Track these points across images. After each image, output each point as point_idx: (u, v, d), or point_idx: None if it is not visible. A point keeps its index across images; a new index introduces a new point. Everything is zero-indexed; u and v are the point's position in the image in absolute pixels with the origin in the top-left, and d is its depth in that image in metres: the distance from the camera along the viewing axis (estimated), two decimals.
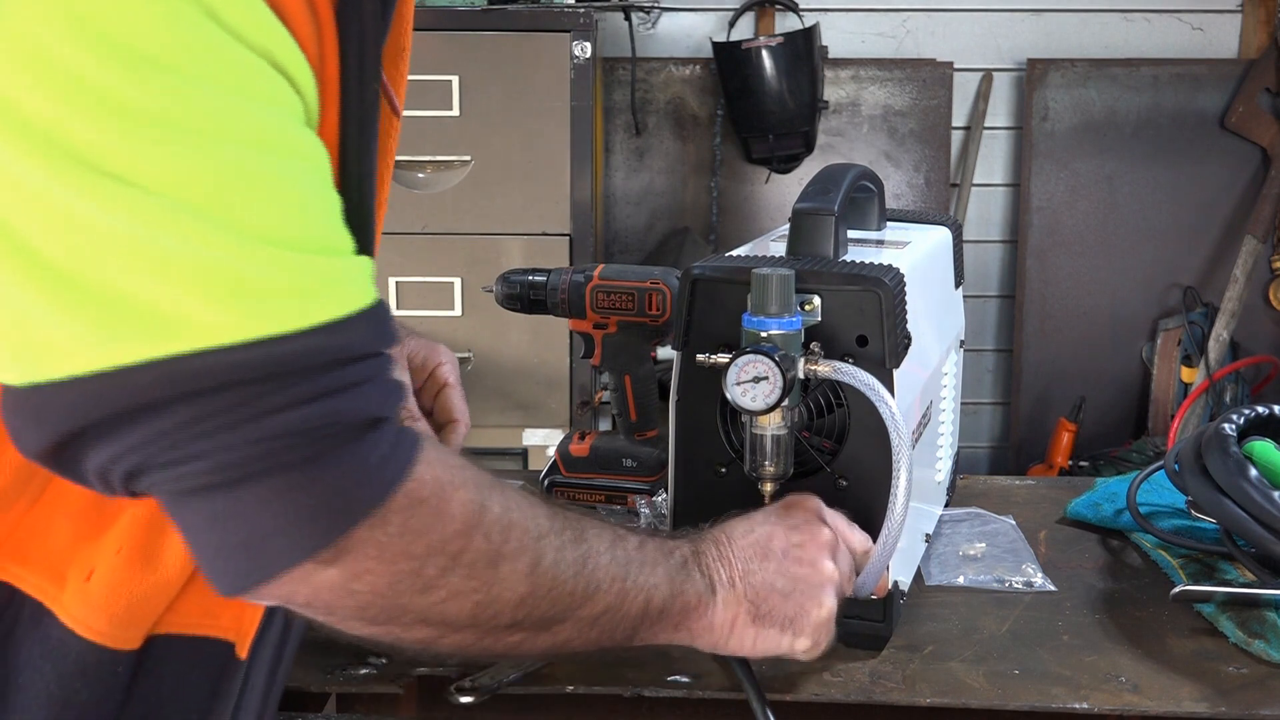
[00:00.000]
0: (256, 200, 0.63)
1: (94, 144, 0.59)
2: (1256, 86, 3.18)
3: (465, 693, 0.96)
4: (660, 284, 1.28)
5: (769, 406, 0.93)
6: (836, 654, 1.03)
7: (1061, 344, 3.31)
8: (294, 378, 0.63)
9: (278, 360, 0.62)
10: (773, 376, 0.93)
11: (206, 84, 0.61)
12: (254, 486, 0.64)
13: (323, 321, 0.64)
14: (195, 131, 0.61)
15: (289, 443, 0.63)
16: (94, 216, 0.59)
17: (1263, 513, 1.08)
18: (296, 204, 0.65)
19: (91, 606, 0.73)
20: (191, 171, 0.61)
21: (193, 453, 0.63)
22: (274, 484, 0.64)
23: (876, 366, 0.98)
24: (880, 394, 0.94)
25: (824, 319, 0.99)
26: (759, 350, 0.93)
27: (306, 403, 0.64)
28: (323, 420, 0.64)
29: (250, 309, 0.62)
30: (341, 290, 0.66)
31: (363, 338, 0.67)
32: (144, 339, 0.60)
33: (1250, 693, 0.98)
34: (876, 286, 0.98)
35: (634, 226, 3.33)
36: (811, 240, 1.06)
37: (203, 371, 0.61)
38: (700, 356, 0.99)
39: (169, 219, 0.60)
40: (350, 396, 0.66)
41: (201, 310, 0.61)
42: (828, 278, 1.00)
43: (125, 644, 0.75)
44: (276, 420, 0.63)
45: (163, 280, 0.60)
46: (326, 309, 0.65)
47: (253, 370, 0.62)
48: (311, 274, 0.64)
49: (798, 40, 3.07)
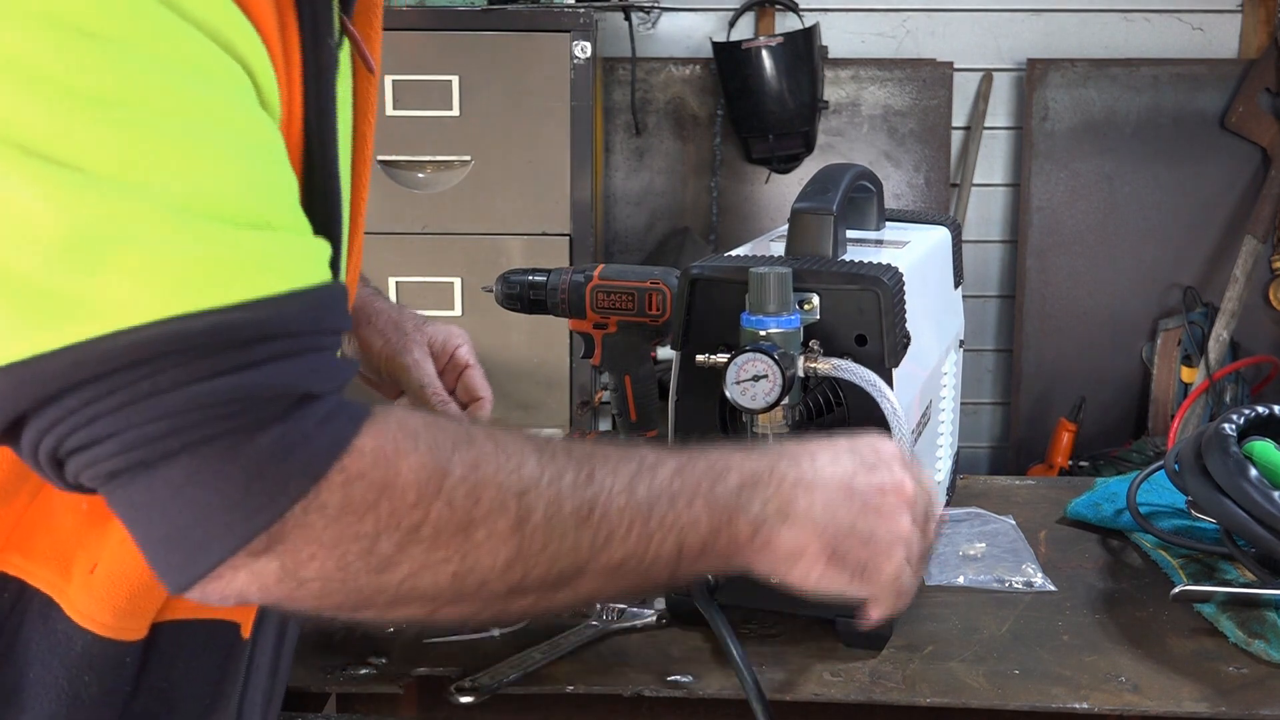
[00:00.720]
0: (187, 173, 0.61)
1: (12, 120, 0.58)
2: (1256, 86, 3.18)
3: (465, 693, 0.96)
4: (660, 284, 1.28)
5: (769, 405, 0.93)
6: (836, 654, 1.03)
7: (1061, 344, 3.31)
8: (202, 352, 0.60)
9: (185, 336, 0.60)
10: (772, 375, 0.93)
11: (142, 56, 0.60)
12: (168, 470, 0.61)
13: (246, 299, 0.61)
14: (125, 104, 0.59)
15: (197, 418, 0.61)
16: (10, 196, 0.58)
17: (1263, 513, 1.08)
18: (233, 178, 0.63)
19: (96, 599, 0.73)
20: (118, 146, 0.59)
21: (100, 433, 0.61)
22: (187, 465, 0.61)
23: (876, 365, 0.98)
24: (881, 389, 0.94)
25: (823, 318, 1.00)
26: (758, 349, 0.94)
27: (214, 377, 0.61)
28: (233, 394, 0.61)
29: (166, 286, 0.60)
30: (275, 267, 0.63)
31: (293, 316, 0.63)
32: (60, 325, 0.59)
33: (1250, 693, 0.98)
34: (875, 286, 0.98)
35: (634, 226, 3.33)
36: (810, 240, 1.06)
37: (113, 352, 0.59)
38: (700, 357, 0.99)
39: (91, 197, 0.59)
40: (268, 371, 0.62)
41: (117, 290, 0.59)
42: (826, 277, 1.00)
43: (131, 635, 0.75)
44: (180, 395, 0.60)
45: (80, 263, 0.59)
46: (251, 285, 0.62)
47: (159, 346, 0.60)
48: (239, 249, 0.62)
49: (798, 40, 3.07)
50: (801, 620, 1.07)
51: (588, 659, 1.02)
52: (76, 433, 0.61)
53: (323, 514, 0.63)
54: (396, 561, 0.66)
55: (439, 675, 1.00)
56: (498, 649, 1.03)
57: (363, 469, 0.64)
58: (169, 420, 0.60)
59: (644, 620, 1.07)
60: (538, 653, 1.01)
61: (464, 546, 0.67)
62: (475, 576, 0.68)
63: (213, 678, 0.79)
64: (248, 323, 0.61)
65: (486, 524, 0.68)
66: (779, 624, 1.07)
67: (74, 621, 0.73)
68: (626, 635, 1.06)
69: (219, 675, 0.80)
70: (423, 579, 0.67)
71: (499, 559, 0.68)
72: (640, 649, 1.04)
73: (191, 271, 0.60)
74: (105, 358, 0.59)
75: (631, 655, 1.03)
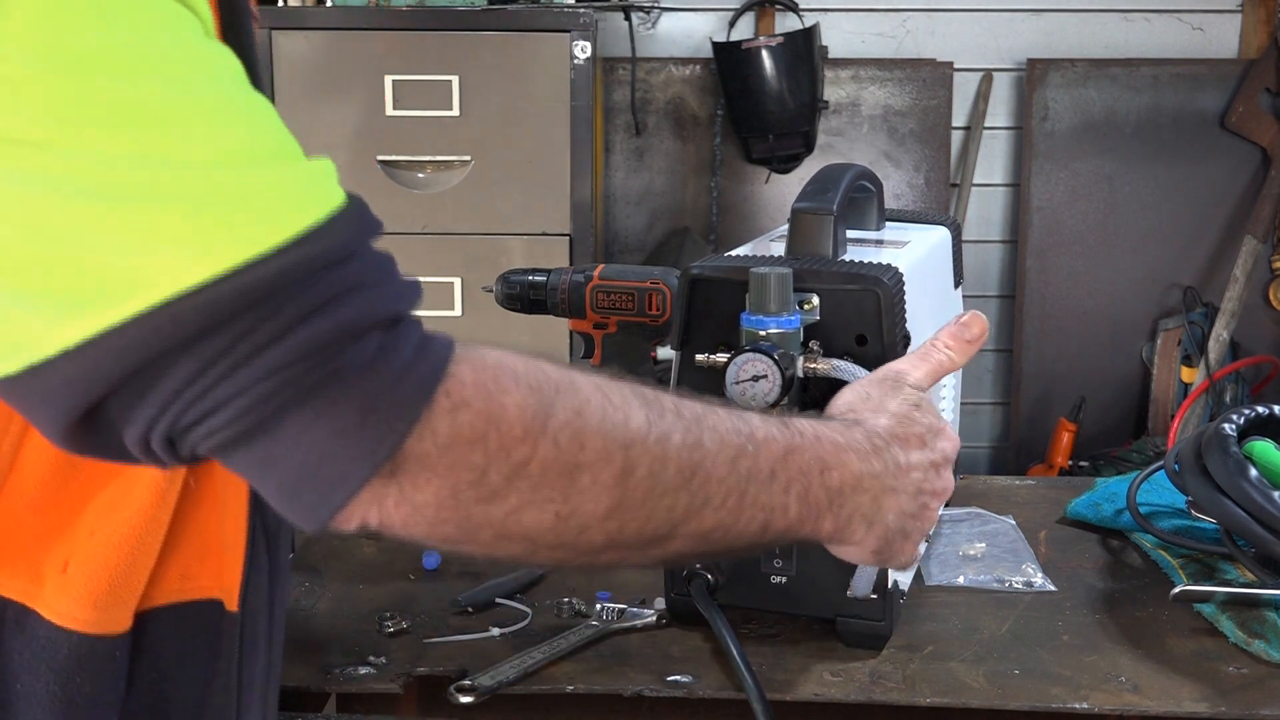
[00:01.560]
0: (193, 126, 0.60)
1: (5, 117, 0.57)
2: (1256, 86, 3.18)
3: (465, 692, 0.96)
4: (660, 284, 1.28)
5: (769, 405, 0.93)
6: (836, 654, 1.03)
7: (1061, 344, 3.31)
8: (283, 298, 0.60)
9: (260, 285, 0.59)
10: (771, 375, 0.93)
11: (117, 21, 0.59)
12: (287, 422, 0.61)
13: (298, 233, 0.61)
14: (109, 75, 0.59)
15: (303, 368, 0.61)
16: (21, 190, 0.58)
17: (1263, 513, 1.08)
18: (236, 118, 0.62)
19: (74, 597, 0.72)
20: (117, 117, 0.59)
21: (212, 405, 0.60)
22: (305, 414, 0.61)
23: (876, 365, 0.97)
24: None
25: (823, 318, 0.99)
26: (758, 349, 0.93)
27: (305, 321, 0.61)
28: (330, 335, 0.61)
29: (213, 240, 0.59)
30: (308, 195, 0.63)
31: (346, 237, 0.63)
32: (113, 300, 0.58)
33: (1250, 693, 0.98)
34: (875, 285, 0.98)
35: (634, 226, 3.33)
36: (810, 240, 1.06)
37: (183, 317, 0.59)
38: (700, 356, 0.99)
39: (106, 175, 0.58)
40: (352, 303, 0.62)
41: (163, 255, 0.59)
42: (826, 277, 1.00)
43: (115, 627, 0.73)
44: (282, 348, 0.60)
45: (116, 237, 0.58)
46: (298, 219, 0.61)
47: (237, 302, 0.59)
48: (272, 187, 0.61)
49: (798, 40, 3.07)
50: (801, 620, 1.07)
51: (588, 659, 1.02)
52: (190, 409, 0.61)
53: (434, 440, 0.64)
54: (504, 494, 0.66)
55: (439, 675, 1.00)
56: (498, 649, 1.03)
57: (467, 398, 0.65)
58: (280, 375, 0.60)
59: (644, 620, 1.07)
60: (538, 653, 1.01)
61: (569, 489, 0.67)
62: (577, 521, 0.68)
63: (205, 658, 0.78)
64: (311, 256, 0.61)
65: (592, 470, 0.68)
66: (779, 624, 1.07)
67: (55, 625, 0.72)
68: (626, 635, 1.06)
69: (211, 654, 0.79)
70: (527, 516, 0.67)
71: (600, 507, 0.69)
72: (640, 649, 1.04)
73: (235, 220, 0.60)
74: (179, 323, 0.59)
75: (631, 655, 1.03)
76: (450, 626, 1.07)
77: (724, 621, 0.98)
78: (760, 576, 1.05)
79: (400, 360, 0.63)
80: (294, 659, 1.02)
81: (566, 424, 0.67)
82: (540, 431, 0.66)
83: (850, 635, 1.03)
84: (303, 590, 1.15)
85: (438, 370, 0.64)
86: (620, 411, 0.70)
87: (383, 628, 1.06)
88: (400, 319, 0.65)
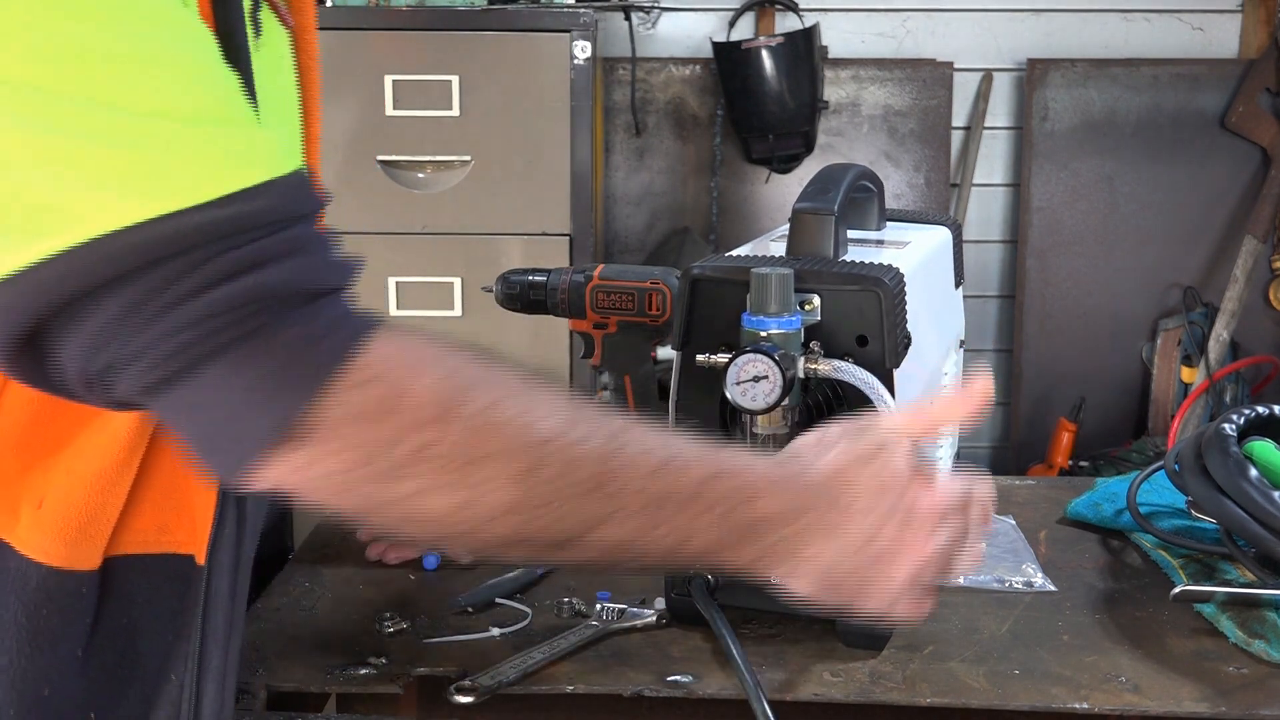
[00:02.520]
0: (144, 77, 0.62)
1: None
2: (1256, 86, 3.18)
3: (465, 693, 0.96)
4: (660, 284, 1.28)
5: (769, 406, 0.93)
6: (836, 654, 1.03)
7: (1061, 344, 3.31)
8: (210, 251, 0.62)
9: (189, 234, 0.62)
10: (772, 376, 0.93)
11: None
12: (204, 373, 0.63)
13: (230, 191, 0.63)
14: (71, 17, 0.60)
15: (223, 321, 0.63)
16: None
17: (1263, 513, 1.08)
18: (187, 77, 0.64)
19: (46, 532, 0.74)
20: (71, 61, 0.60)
21: (137, 348, 0.62)
22: (221, 367, 0.63)
23: (876, 366, 0.98)
24: (879, 392, 0.94)
25: (824, 319, 0.99)
26: (759, 349, 0.93)
27: (231, 278, 0.63)
28: (252, 294, 0.63)
29: (148, 186, 0.61)
30: (247, 159, 0.65)
31: (279, 204, 0.65)
32: (47, 233, 0.60)
33: (1250, 693, 0.98)
34: (876, 286, 0.98)
35: (634, 226, 3.33)
36: (811, 240, 1.06)
37: (114, 255, 0.61)
38: (700, 357, 0.99)
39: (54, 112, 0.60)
40: (279, 269, 0.64)
41: (99, 194, 0.61)
42: (827, 277, 1.00)
43: (84, 564, 0.76)
44: (204, 300, 0.62)
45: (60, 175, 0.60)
46: (232, 179, 0.63)
47: (165, 248, 0.61)
48: (211, 144, 0.63)
49: (798, 40, 3.07)
50: (801, 620, 1.07)
51: (588, 659, 1.02)
52: (117, 349, 0.63)
53: (343, 410, 0.65)
54: (408, 474, 0.67)
55: (439, 675, 1.00)
56: (498, 649, 1.03)
57: (380, 373, 0.66)
58: (198, 327, 0.62)
59: (644, 620, 1.07)
60: (538, 653, 1.01)
61: (473, 477, 0.68)
62: (479, 510, 0.69)
63: (172, 609, 0.80)
64: (241, 215, 0.63)
65: (498, 462, 0.68)
66: (779, 624, 1.07)
67: (26, 557, 0.74)
68: (626, 635, 1.06)
69: (179, 605, 0.81)
70: (430, 500, 0.68)
71: (505, 499, 0.69)
72: (640, 649, 1.04)
73: (175, 169, 0.62)
74: (110, 261, 0.61)
75: (631, 655, 1.03)
76: (450, 626, 1.07)
77: (724, 621, 0.98)
78: None
79: (318, 329, 0.65)
80: (294, 659, 1.02)
81: (479, 413, 0.68)
82: (451, 416, 0.67)
83: (850, 636, 1.03)
84: (303, 590, 1.15)
85: (352, 343, 0.66)
86: (539, 411, 0.70)
87: (383, 628, 1.06)
88: (327, 293, 0.67)
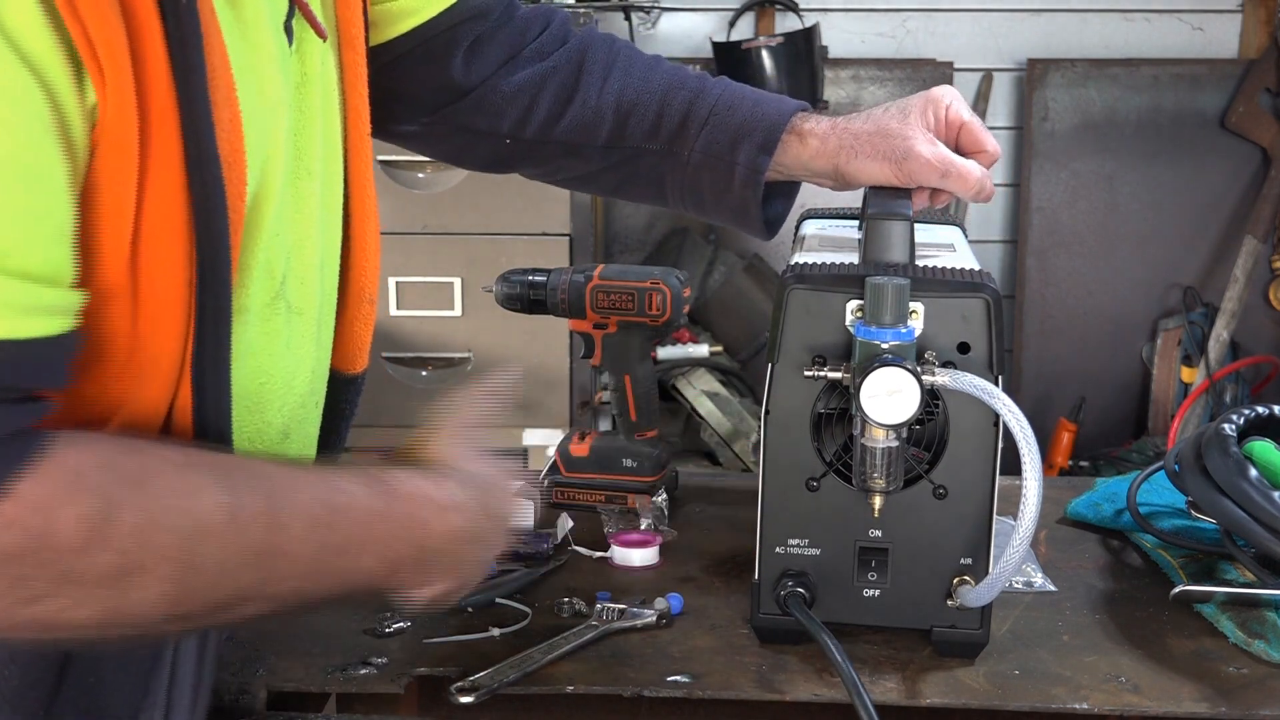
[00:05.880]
0: None
1: None
2: (1256, 86, 3.18)
3: (465, 693, 0.96)
4: (660, 284, 1.28)
5: (907, 419, 0.92)
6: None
7: (1061, 344, 3.31)
8: None
9: None
10: (908, 389, 0.92)
11: None
12: None
13: None
14: None
15: None
16: None
17: (1263, 513, 1.08)
18: None
19: None
20: None
21: None
22: None
23: (982, 373, 0.97)
24: (1005, 403, 0.93)
25: (924, 327, 0.98)
26: (895, 363, 0.92)
27: None
28: None
29: None
30: None
31: None
32: None
33: (1250, 693, 0.98)
34: (983, 292, 0.97)
35: (634, 226, 3.33)
36: (890, 248, 1.02)
37: None
38: (808, 372, 0.97)
39: None
40: None
41: None
42: (932, 285, 0.98)
43: None
44: None
45: None
46: None
47: None
48: None
49: (798, 40, 3.07)
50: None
51: (588, 659, 1.02)
52: None
53: None
54: (50, 598, 0.68)
55: (439, 675, 1.00)
56: (498, 649, 1.03)
57: (18, 515, 0.66)
58: None
59: (644, 620, 1.07)
60: (538, 653, 1.01)
61: (124, 587, 0.69)
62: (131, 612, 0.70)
63: (143, 668, 0.81)
64: None
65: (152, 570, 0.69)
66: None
67: None
68: (626, 635, 1.06)
69: (151, 664, 0.81)
70: (76, 613, 0.69)
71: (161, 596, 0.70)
72: (640, 649, 1.04)
73: None
74: None
75: (631, 655, 1.03)
76: (450, 626, 1.07)
77: (828, 633, 0.96)
78: (853, 590, 1.02)
79: None
80: (294, 659, 1.02)
81: (133, 530, 0.69)
82: (99, 543, 0.68)
83: (946, 645, 1.02)
84: None
85: None
86: (194, 498, 0.71)
87: (383, 628, 1.06)
88: None
